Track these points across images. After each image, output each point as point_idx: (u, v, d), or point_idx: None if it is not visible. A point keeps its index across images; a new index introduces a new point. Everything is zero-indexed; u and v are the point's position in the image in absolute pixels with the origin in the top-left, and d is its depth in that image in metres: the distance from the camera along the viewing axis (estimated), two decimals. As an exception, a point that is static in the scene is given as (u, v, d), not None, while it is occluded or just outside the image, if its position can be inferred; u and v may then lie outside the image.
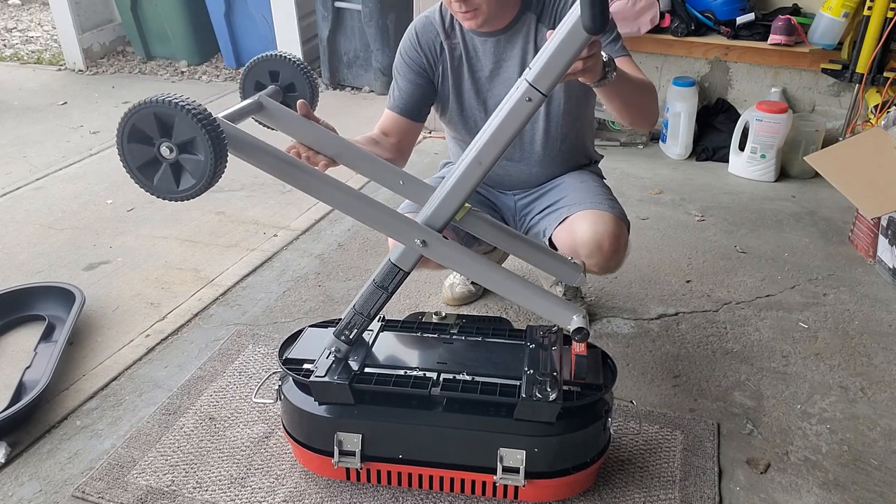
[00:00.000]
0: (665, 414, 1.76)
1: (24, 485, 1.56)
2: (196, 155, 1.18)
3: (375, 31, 4.07)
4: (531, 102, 1.26)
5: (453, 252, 1.39)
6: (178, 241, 2.62)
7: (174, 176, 1.21)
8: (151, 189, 1.23)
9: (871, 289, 2.32)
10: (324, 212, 2.84)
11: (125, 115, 1.18)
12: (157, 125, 1.17)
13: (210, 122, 1.16)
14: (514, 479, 1.42)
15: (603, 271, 1.74)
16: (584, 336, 1.38)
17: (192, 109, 1.15)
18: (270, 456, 1.63)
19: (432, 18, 1.76)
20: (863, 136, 2.66)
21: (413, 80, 1.78)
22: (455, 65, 1.76)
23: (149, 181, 1.22)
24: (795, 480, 1.58)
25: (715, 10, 3.31)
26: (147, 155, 1.20)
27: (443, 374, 1.46)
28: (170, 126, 1.17)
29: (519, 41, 1.71)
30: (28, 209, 2.87)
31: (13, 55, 5.17)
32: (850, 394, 1.85)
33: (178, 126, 1.16)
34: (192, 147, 1.18)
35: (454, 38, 1.75)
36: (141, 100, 1.17)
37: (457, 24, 1.73)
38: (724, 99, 3.44)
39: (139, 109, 1.16)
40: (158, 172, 1.21)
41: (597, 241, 1.67)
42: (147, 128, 1.18)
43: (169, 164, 1.20)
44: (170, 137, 1.18)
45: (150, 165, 1.21)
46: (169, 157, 1.19)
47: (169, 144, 1.18)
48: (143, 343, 2.04)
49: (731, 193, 3.02)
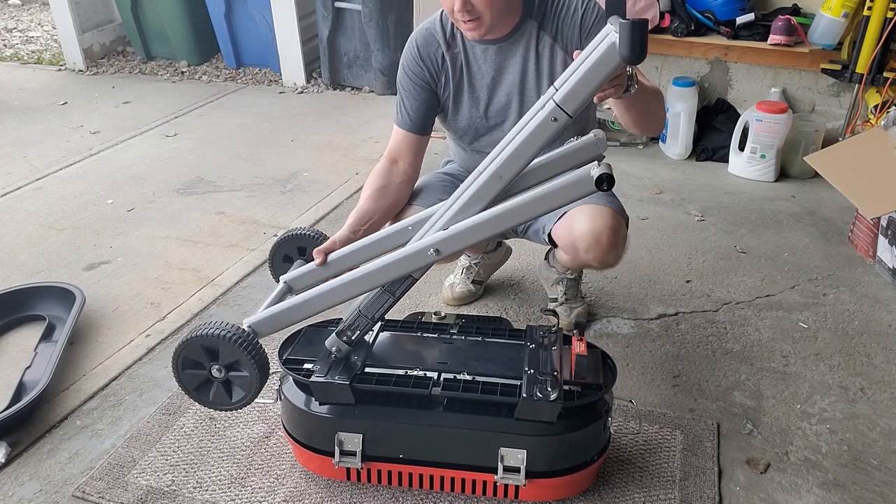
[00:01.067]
0: (665, 414, 1.76)
1: (24, 485, 1.56)
2: (242, 372, 1.37)
3: (375, 31, 4.07)
4: (556, 122, 1.27)
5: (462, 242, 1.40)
6: (178, 241, 2.63)
7: (226, 391, 1.40)
8: (208, 404, 1.42)
9: (871, 289, 2.32)
10: (324, 212, 2.84)
11: (178, 348, 1.37)
12: (205, 353, 1.36)
13: (250, 342, 1.34)
14: (514, 479, 1.43)
15: (602, 265, 1.75)
16: (611, 182, 1.27)
17: (233, 336, 1.33)
18: (270, 456, 1.63)
19: (433, 29, 1.74)
20: (863, 136, 2.66)
21: (418, 94, 1.76)
22: (457, 74, 1.75)
23: (205, 398, 1.41)
24: (795, 480, 1.58)
25: (715, 10, 3.31)
26: (200, 377, 1.39)
27: (443, 374, 1.46)
28: (216, 351, 1.36)
29: (520, 49, 1.70)
30: (28, 209, 2.87)
31: (13, 55, 5.17)
32: (850, 394, 1.85)
33: (224, 351, 1.35)
34: (238, 366, 1.37)
35: (455, 47, 1.73)
36: (188, 334, 1.36)
37: (458, 32, 1.72)
38: (723, 99, 3.44)
39: (188, 343, 1.35)
40: (212, 390, 1.41)
41: (595, 235, 1.67)
42: (197, 356, 1.37)
43: (220, 382, 1.40)
44: (218, 361, 1.37)
45: (204, 385, 1.40)
46: (219, 376, 1.39)
47: (218, 366, 1.37)
48: (143, 343, 2.04)
49: (731, 193, 3.02)
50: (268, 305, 1.48)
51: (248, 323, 1.42)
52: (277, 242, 1.74)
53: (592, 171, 1.30)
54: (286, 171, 3.24)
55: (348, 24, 4.17)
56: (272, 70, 4.63)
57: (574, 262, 1.87)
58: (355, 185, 3.09)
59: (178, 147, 3.53)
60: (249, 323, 1.42)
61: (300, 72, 4.42)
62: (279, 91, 4.40)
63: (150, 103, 4.16)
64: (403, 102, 1.78)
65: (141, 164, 3.28)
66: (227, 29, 4.57)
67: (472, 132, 1.81)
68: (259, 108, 4.09)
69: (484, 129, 1.80)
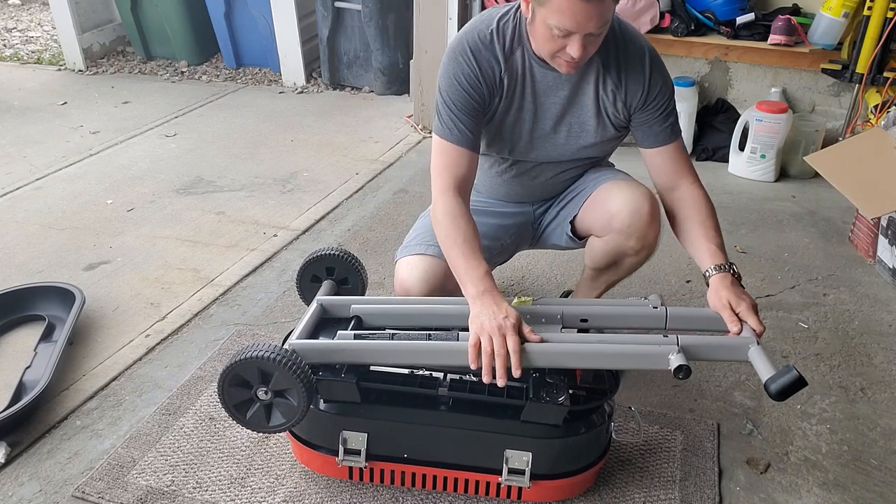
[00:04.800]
0: (665, 414, 1.76)
1: (24, 485, 1.56)
2: (289, 400, 1.35)
3: (375, 31, 4.07)
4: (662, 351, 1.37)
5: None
6: (178, 241, 2.62)
7: (266, 413, 1.38)
8: (244, 423, 1.39)
9: (871, 289, 2.32)
10: (324, 212, 2.84)
11: (230, 365, 1.33)
12: (258, 375, 1.33)
13: (305, 374, 1.32)
14: (518, 481, 1.43)
15: (642, 243, 1.64)
16: (687, 373, 1.32)
17: (293, 366, 1.30)
18: (270, 456, 1.63)
19: (488, 42, 1.55)
20: (863, 136, 2.66)
21: (473, 108, 1.57)
22: (511, 92, 1.59)
23: (241, 416, 1.39)
24: (795, 480, 1.58)
25: (715, 10, 3.31)
26: (244, 396, 1.37)
27: (449, 375, 1.45)
28: (269, 375, 1.33)
29: (587, 83, 1.59)
30: (28, 209, 2.87)
31: (13, 55, 5.16)
32: (850, 394, 1.85)
33: (278, 377, 1.33)
34: (287, 394, 1.35)
35: (513, 63, 1.57)
36: (246, 353, 1.31)
37: (518, 50, 1.56)
38: (723, 99, 3.44)
39: (245, 362, 1.31)
40: (252, 410, 1.38)
41: (635, 205, 1.60)
42: (249, 376, 1.34)
43: (263, 405, 1.37)
44: (267, 384, 1.34)
45: (245, 404, 1.38)
46: (264, 398, 1.36)
47: (266, 389, 1.35)
48: (143, 343, 2.04)
49: (731, 193, 3.02)
50: (305, 325, 1.49)
51: (295, 346, 1.39)
52: (305, 263, 1.75)
53: (672, 356, 1.34)
54: (286, 171, 3.24)
55: (348, 24, 4.17)
56: (272, 70, 4.63)
57: (608, 247, 1.69)
58: (355, 185, 3.09)
59: (178, 147, 3.52)
60: (295, 346, 1.39)
61: (300, 72, 4.42)
62: (279, 91, 4.40)
63: (150, 103, 4.15)
64: (459, 119, 1.55)
65: (141, 164, 3.27)
66: (226, 29, 4.56)
67: (509, 146, 1.69)
68: (259, 108, 4.09)
69: (522, 148, 1.69)
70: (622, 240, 1.64)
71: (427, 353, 1.41)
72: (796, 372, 1.25)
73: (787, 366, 1.27)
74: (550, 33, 1.41)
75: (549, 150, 1.67)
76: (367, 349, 1.42)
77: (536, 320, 1.48)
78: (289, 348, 1.36)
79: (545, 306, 1.52)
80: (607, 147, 1.73)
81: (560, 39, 1.42)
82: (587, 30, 1.38)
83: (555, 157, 1.69)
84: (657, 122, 1.61)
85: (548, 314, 1.50)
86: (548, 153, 1.68)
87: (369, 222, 2.76)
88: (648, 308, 1.54)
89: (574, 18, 1.36)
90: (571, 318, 1.51)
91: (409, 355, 1.42)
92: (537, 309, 1.50)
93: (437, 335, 1.43)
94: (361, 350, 1.42)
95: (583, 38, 1.40)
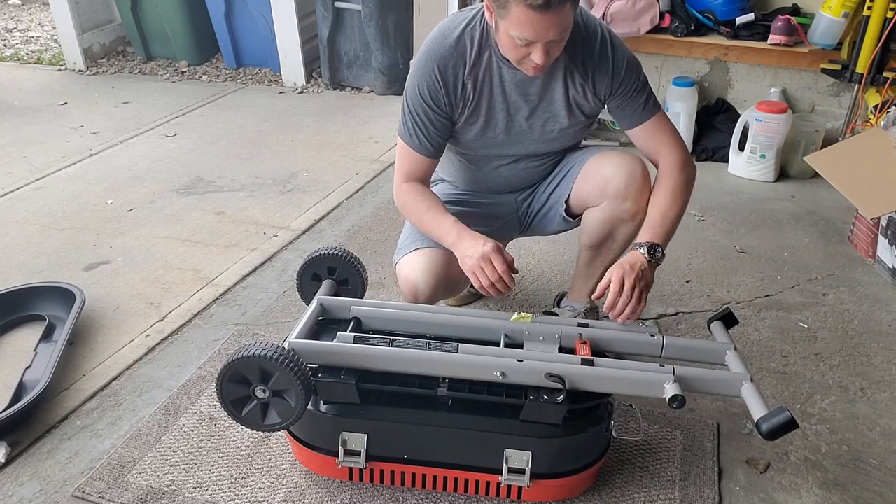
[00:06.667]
0: (665, 414, 1.76)
1: (24, 485, 1.56)
2: (287, 400, 1.35)
3: (375, 31, 4.07)
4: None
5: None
6: (178, 241, 2.63)
7: (262, 412, 1.37)
8: (238, 419, 1.39)
9: (870, 289, 2.32)
10: (324, 212, 2.84)
11: (232, 362, 1.32)
12: (258, 373, 1.33)
13: (305, 376, 1.32)
14: (519, 480, 1.43)
15: (637, 206, 1.68)
16: (681, 403, 1.35)
17: (294, 367, 1.30)
18: (270, 456, 1.63)
19: (454, 49, 1.59)
20: (862, 136, 2.66)
21: (436, 120, 1.64)
22: (477, 96, 1.63)
23: (237, 412, 1.38)
24: (795, 480, 1.58)
25: (715, 10, 3.31)
26: (242, 393, 1.36)
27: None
28: (269, 375, 1.33)
29: (555, 79, 1.63)
30: (28, 209, 2.87)
31: (13, 55, 5.17)
32: (849, 394, 1.85)
33: (278, 378, 1.32)
34: (285, 394, 1.35)
35: (479, 67, 1.61)
36: (247, 350, 1.31)
37: (485, 53, 1.60)
38: (723, 99, 3.44)
39: (246, 360, 1.31)
40: (248, 407, 1.37)
41: (629, 169, 1.66)
42: (249, 373, 1.33)
43: (260, 403, 1.37)
44: (267, 384, 1.34)
45: (241, 401, 1.37)
46: (262, 397, 1.36)
47: (264, 388, 1.34)
48: (143, 343, 2.04)
49: (731, 193, 3.02)
50: (304, 324, 1.50)
51: (293, 345, 1.40)
52: (306, 262, 1.75)
53: (667, 385, 1.38)
54: (286, 171, 3.24)
55: (348, 24, 4.17)
56: (272, 70, 4.63)
57: (603, 215, 1.73)
58: (355, 185, 3.09)
59: (178, 147, 3.53)
60: (295, 346, 1.40)
61: (300, 72, 4.42)
62: (279, 91, 4.40)
63: (150, 103, 4.15)
64: (424, 128, 1.63)
65: (141, 164, 3.28)
66: (226, 29, 4.56)
67: (482, 151, 1.75)
68: (259, 108, 4.09)
69: (499, 145, 1.74)
70: (618, 203, 1.69)
71: (426, 363, 1.41)
72: (788, 414, 1.27)
73: (779, 407, 1.30)
74: (513, 42, 1.46)
75: (525, 144, 1.74)
76: (367, 354, 1.42)
77: (534, 339, 1.52)
78: (289, 348, 1.37)
79: (544, 325, 1.55)
80: (581, 133, 1.79)
81: (523, 48, 1.47)
82: (548, 38, 1.44)
83: (532, 149, 1.76)
84: (630, 102, 1.66)
85: (546, 333, 1.53)
86: (525, 147, 1.75)
87: (369, 222, 2.76)
88: (646, 336, 1.56)
89: (533, 29, 1.41)
90: (569, 338, 1.54)
91: (408, 363, 1.42)
92: (536, 328, 1.53)
93: (436, 345, 1.44)
94: (361, 354, 1.42)
95: (545, 46, 1.45)
